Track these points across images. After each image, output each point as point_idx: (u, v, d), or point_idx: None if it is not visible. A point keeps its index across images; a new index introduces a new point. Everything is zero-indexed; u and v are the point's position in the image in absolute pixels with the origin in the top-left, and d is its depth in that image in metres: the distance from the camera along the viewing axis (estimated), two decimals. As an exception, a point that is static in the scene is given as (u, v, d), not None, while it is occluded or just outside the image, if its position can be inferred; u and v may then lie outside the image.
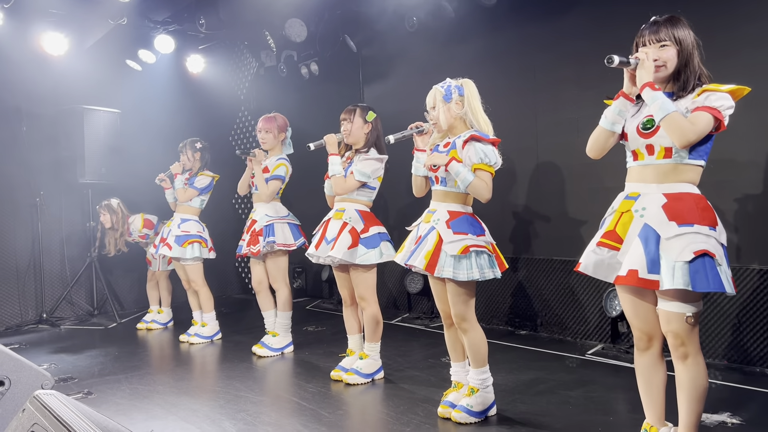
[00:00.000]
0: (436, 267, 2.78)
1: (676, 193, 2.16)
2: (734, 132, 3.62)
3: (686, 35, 2.20)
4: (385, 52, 5.90)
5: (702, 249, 2.06)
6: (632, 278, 2.11)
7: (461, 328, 2.90)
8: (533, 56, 4.72)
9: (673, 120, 2.08)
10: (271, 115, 4.44)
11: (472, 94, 2.92)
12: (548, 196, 4.66)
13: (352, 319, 3.78)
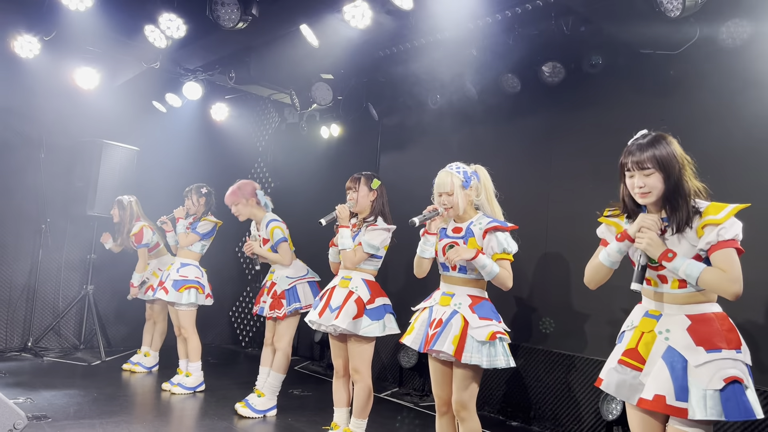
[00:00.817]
0: (464, 353, 2.71)
1: (699, 314, 2.09)
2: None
3: (671, 156, 2.10)
4: (405, 123, 6.00)
5: (732, 376, 1.98)
6: (659, 404, 2.01)
7: (460, 416, 2.81)
8: (551, 145, 4.78)
9: (709, 280, 2.00)
10: (235, 186, 4.42)
11: (487, 180, 2.95)
12: (553, 287, 4.61)
13: (342, 391, 3.66)
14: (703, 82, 3.94)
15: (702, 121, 3.92)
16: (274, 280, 4.37)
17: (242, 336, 7.35)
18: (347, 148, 6.57)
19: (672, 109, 4.07)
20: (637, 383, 2.11)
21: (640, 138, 2.19)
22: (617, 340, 2.29)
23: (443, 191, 2.89)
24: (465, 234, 2.86)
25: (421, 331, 2.91)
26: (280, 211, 7.16)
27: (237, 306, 7.44)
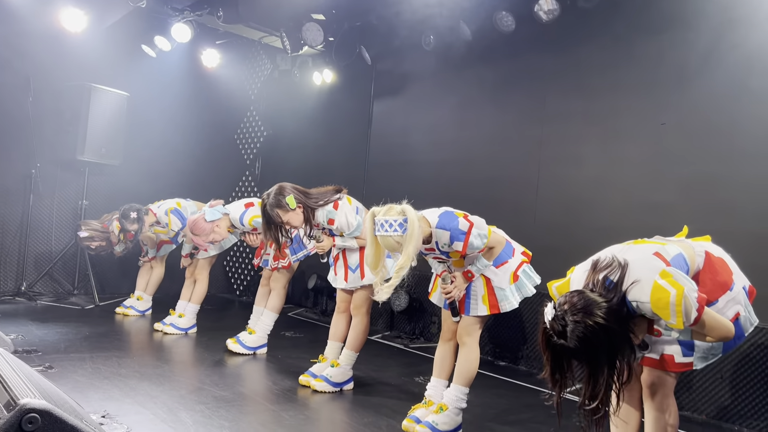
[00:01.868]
0: (498, 305, 2.85)
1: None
2: (738, 183, 3.58)
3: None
4: (399, 67, 5.90)
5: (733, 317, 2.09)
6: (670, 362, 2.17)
7: (462, 341, 2.89)
8: (545, 86, 4.71)
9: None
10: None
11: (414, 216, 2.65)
12: (543, 228, 4.60)
13: (341, 325, 3.70)
14: (699, 17, 3.84)
15: (692, 55, 3.84)
16: None
17: (237, 285, 7.39)
18: (341, 94, 6.47)
19: (670, 47, 3.98)
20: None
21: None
22: None
23: (395, 251, 2.69)
24: (439, 252, 2.83)
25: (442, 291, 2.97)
26: (272, 160, 7.16)
27: (231, 255, 7.46)
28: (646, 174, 4.05)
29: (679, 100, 3.93)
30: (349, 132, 6.34)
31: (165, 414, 2.89)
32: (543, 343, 1.87)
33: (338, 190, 3.45)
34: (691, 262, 2.11)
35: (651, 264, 1.96)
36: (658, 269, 1.92)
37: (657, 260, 1.99)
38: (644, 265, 1.95)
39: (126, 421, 2.74)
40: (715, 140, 3.74)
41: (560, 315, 1.82)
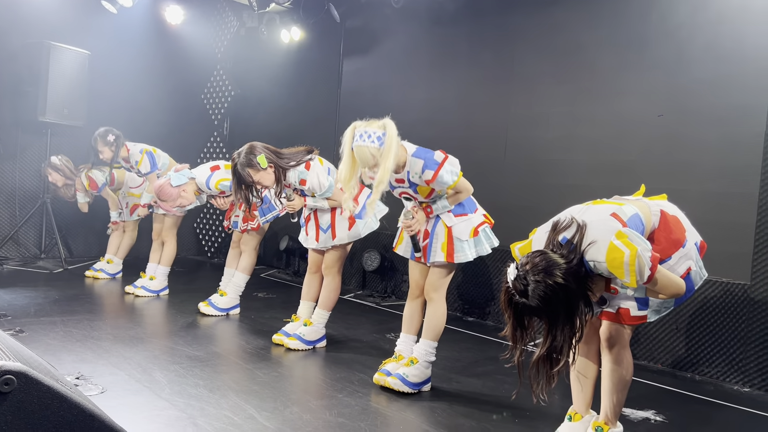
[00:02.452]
0: (455, 255, 2.88)
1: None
2: (694, 143, 3.69)
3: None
4: (368, 25, 5.83)
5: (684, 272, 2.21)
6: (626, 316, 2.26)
7: (430, 296, 2.95)
8: (513, 47, 4.72)
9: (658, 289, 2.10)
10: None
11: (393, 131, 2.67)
12: (511, 188, 4.68)
13: (313, 285, 3.75)
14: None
15: (662, 19, 3.89)
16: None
17: (208, 247, 7.38)
18: (309, 53, 6.38)
19: (633, 8, 4.02)
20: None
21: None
22: None
23: (369, 165, 2.68)
24: (409, 184, 2.84)
25: (409, 242, 3.04)
26: (241, 121, 7.06)
27: (202, 217, 7.41)
28: (610, 134, 4.14)
29: (640, 61, 3.99)
30: (319, 91, 6.28)
31: (139, 374, 2.93)
32: (505, 302, 1.95)
33: (310, 151, 3.45)
34: (647, 222, 2.20)
35: (608, 225, 2.04)
36: (614, 230, 2.00)
37: (614, 221, 2.07)
38: (601, 226, 2.03)
39: (100, 381, 2.78)
40: (674, 101, 3.83)
41: (522, 275, 1.90)
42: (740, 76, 3.55)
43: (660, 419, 2.85)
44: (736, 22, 3.58)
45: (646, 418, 2.85)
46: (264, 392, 2.82)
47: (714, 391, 3.37)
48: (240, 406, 2.62)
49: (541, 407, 2.88)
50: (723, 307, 3.55)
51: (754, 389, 3.41)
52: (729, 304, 3.53)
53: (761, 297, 3.41)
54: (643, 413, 2.91)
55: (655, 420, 2.84)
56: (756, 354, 3.42)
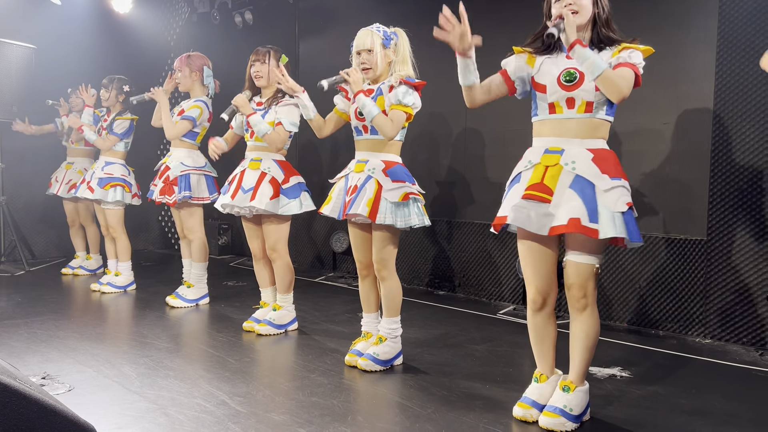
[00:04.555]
0: (378, 214, 2.78)
1: (598, 149, 2.24)
2: (646, 104, 3.76)
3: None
4: (322, 5, 5.75)
5: (630, 202, 2.19)
6: (574, 226, 2.13)
7: (381, 275, 2.92)
8: (470, 16, 4.70)
9: (608, 77, 2.10)
10: (186, 54, 4.24)
11: (406, 42, 2.93)
12: (473, 160, 4.72)
13: (264, 272, 3.73)
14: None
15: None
16: (168, 164, 4.24)
17: (174, 240, 7.27)
18: (264, 36, 6.25)
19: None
20: (546, 213, 2.18)
21: None
22: (510, 183, 2.38)
23: (363, 49, 2.85)
24: (375, 94, 2.84)
25: (339, 200, 2.96)
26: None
27: (167, 210, 7.29)
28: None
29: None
30: (277, 75, 6.18)
31: (108, 370, 2.90)
32: None
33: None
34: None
35: None
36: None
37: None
38: None
39: (68, 380, 2.73)
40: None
41: None
42: (686, 41, 3.61)
43: (626, 375, 2.94)
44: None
45: (612, 375, 2.94)
46: (235, 378, 2.82)
47: (677, 345, 3.48)
48: (212, 393, 2.61)
49: (509, 373, 2.95)
50: (682, 264, 3.66)
51: (715, 340, 3.54)
52: (687, 260, 3.64)
53: (717, 251, 3.52)
54: (609, 370, 2.99)
55: (620, 376, 2.92)
56: (715, 307, 3.54)
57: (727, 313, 3.50)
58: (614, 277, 3.94)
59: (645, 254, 3.80)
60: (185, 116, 4.12)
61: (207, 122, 4.24)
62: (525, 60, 2.42)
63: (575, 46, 2.12)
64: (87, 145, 5.47)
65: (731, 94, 3.45)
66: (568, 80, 2.22)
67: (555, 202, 2.18)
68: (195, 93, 4.22)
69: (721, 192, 3.50)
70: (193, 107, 4.14)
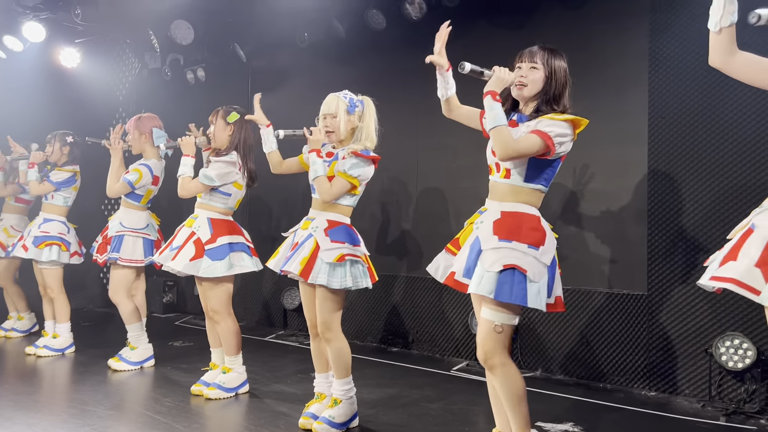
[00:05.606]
0: (311, 273, 2.77)
1: (511, 211, 2.30)
2: (589, 164, 3.97)
3: (560, 67, 2.31)
4: (275, 64, 5.86)
5: (512, 264, 2.18)
6: (450, 279, 2.30)
7: (325, 337, 2.89)
8: (417, 81, 4.88)
9: (499, 132, 2.20)
10: (136, 116, 4.22)
11: (371, 111, 2.99)
12: (426, 217, 4.81)
13: (215, 332, 3.63)
14: (549, 15, 4.19)
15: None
16: (110, 223, 4.19)
17: (117, 297, 6.99)
18: (216, 93, 6.28)
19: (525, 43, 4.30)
20: (449, 265, 2.39)
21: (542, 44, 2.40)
22: None
23: (328, 113, 2.94)
24: (333, 158, 2.91)
25: (283, 254, 2.97)
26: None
27: (109, 267, 7.03)
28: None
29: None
30: (228, 131, 6.20)
31: (45, 442, 2.73)
32: None
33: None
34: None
35: None
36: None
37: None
38: None
39: (0, 455, 2.55)
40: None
41: None
42: (621, 101, 3.87)
43: (578, 430, 2.99)
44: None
45: (565, 430, 2.98)
46: (185, 447, 2.70)
47: (624, 398, 3.57)
48: (159, 465, 2.49)
49: (469, 430, 2.94)
50: (626, 318, 3.80)
51: (659, 393, 3.65)
52: (631, 314, 3.78)
53: (658, 306, 3.68)
54: (562, 426, 3.03)
55: (573, 431, 2.97)
56: (658, 360, 3.67)
57: (670, 365, 3.63)
58: (560, 330, 4.04)
59: (590, 308, 3.93)
60: (124, 179, 4.07)
61: (152, 185, 4.16)
62: None
63: (487, 95, 2.26)
64: (18, 202, 5.26)
65: (663, 157, 3.70)
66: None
67: (457, 256, 2.36)
68: (147, 155, 4.18)
69: (660, 248, 3.69)
70: (134, 171, 4.08)
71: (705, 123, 3.54)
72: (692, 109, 3.58)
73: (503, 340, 2.25)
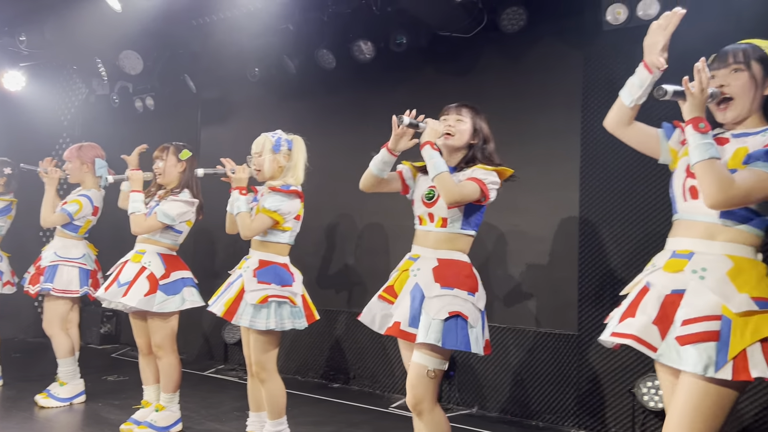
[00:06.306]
0: (235, 315, 2.79)
1: (447, 259, 2.41)
2: (522, 209, 4.13)
3: (483, 122, 2.52)
4: (225, 97, 5.89)
5: (456, 311, 2.29)
6: (395, 330, 2.32)
7: (260, 377, 2.89)
8: (365, 120, 5.01)
9: (443, 178, 2.33)
10: (77, 145, 4.18)
11: (300, 150, 3.05)
12: (370, 253, 4.88)
13: (149, 369, 3.58)
14: (490, 64, 4.39)
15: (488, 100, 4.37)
16: (43, 253, 4.11)
17: (52, 327, 6.74)
18: (165, 122, 6.26)
19: (469, 89, 4.49)
20: (387, 314, 2.40)
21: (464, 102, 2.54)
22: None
23: (255, 152, 3.01)
24: (259, 196, 2.96)
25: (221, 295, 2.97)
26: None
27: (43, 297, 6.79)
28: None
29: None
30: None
31: (-42, 486, 2.61)
32: None
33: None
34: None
35: None
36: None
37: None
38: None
39: None
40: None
41: None
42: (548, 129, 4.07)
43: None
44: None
45: (494, 470, 3.04)
46: (108, 490, 2.63)
47: (554, 437, 3.68)
48: None
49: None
50: (557, 357, 3.93)
51: (587, 431, 3.77)
52: (561, 353, 3.92)
53: (587, 345, 3.82)
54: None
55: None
56: (588, 398, 3.80)
57: (598, 404, 3.77)
58: (495, 368, 4.14)
59: (524, 347, 4.05)
60: (63, 209, 4.00)
61: (92, 215, 4.11)
62: (412, 173, 2.64)
63: (425, 146, 2.38)
64: None
65: (594, 203, 3.89)
66: (429, 198, 2.45)
67: (395, 305, 2.39)
68: (86, 185, 4.12)
69: (589, 290, 3.85)
70: (73, 201, 4.02)
71: (634, 171, 3.74)
72: (622, 157, 3.77)
73: (434, 386, 2.32)
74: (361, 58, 4.70)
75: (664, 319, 1.77)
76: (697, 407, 1.69)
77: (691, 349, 1.68)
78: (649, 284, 1.87)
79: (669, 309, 1.77)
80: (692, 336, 1.70)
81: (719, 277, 1.75)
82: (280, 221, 2.89)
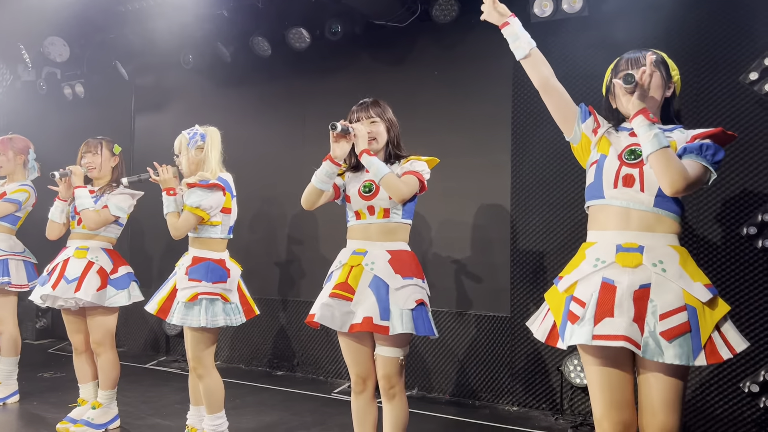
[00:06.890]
0: (168, 313, 2.81)
1: (397, 250, 2.49)
2: (455, 198, 4.24)
3: (392, 116, 2.60)
4: (160, 83, 5.75)
5: (420, 299, 2.43)
6: (367, 325, 2.34)
7: (197, 373, 2.91)
8: (303, 107, 5.00)
9: (390, 180, 2.40)
10: (7, 137, 4.02)
11: (213, 142, 2.97)
12: (310, 240, 4.91)
13: (86, 366, 3.52)
14: (424, 53, 4.45)
15: (422, 89, 4.44)
16: None
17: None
18: (97, 110, 6.06)
19: (405, 77, 4.54)
20: (348, 311, 2.41)
21: (364, 100, 2.60)
22: (325, 281, 2.59)
23: (176, 152, 3.00)
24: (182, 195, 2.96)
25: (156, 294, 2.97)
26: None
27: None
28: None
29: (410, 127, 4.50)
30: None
31: None
32: None
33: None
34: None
35: None
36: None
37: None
38: None
39: None
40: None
41: None
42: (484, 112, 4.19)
43: (441, 450, 3.19)
44: (483, 95, 4.22)
45: (429, 451, 3.17)
46: (42, 493, 2.61)
47: (489, 415, 3.85)
48: None
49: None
50: (491, 338, 4.09)
51: (521, 408, 3.97)
52: (495, 334, 4.08)
53: (519, 326, 3.99)
54: (428, 447, 3.23)
55: (436, 452, 3.17)
56: (519, 376, 3.99)
57: (530, 381, 3.96)
58: (435, 351, 4.27)
59: (461, 330, 4.19)
60: (10, 198, 3.85)
61: (31, 207, 4.00)
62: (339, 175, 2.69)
63: (363, 154, 2.44)
64: None
65: (525, 189, 4.03)
66: (367, 191, 2.51)
67: (355, 301, 2.42)
68: (16, 177, 3.97)
69: (521, 273, 4.01)
70: (20, 190, 3.88)
71: (563, 158, 3.89)
72: (552, 145, 3.92)
73: (403, 372, 2.49)
74: (296, 45, 4.67)
75: (639, 315, 1.83)
76: (678, 395, 1.86)
77: (675, 342, 1.79)
78: (609, 281, 1.88)
79: (639, 304, 1.84)
80: (674, 330, 1.80)
81: (676, 269, 1.86)
82: (206, 217, 2.87)
